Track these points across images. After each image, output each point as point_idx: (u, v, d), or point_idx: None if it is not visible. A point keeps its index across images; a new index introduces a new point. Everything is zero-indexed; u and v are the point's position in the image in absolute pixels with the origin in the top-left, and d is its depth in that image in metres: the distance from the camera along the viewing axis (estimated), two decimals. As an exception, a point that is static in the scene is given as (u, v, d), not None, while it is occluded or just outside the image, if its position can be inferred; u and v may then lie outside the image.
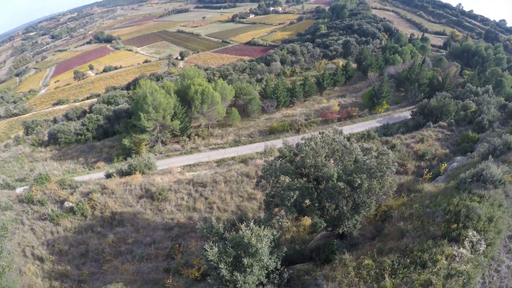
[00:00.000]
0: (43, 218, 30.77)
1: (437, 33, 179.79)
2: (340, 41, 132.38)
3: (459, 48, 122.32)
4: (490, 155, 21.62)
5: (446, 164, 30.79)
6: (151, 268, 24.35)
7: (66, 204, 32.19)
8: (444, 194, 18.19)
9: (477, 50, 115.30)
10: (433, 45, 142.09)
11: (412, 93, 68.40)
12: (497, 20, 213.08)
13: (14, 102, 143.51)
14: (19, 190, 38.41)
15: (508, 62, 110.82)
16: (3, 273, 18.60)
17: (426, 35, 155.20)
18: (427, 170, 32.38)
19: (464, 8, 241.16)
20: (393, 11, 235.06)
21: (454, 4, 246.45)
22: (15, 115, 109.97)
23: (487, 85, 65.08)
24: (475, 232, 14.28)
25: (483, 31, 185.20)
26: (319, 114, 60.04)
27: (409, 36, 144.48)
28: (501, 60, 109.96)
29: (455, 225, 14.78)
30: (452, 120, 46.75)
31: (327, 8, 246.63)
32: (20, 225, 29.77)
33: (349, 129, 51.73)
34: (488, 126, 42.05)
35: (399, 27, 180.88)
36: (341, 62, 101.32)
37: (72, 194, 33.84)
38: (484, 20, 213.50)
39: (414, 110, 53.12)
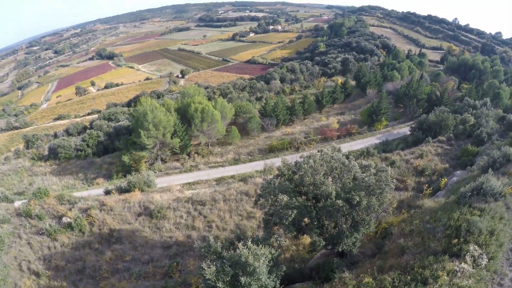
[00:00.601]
0: (40, 232, 30.50)
1: (434, 48, 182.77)
2: (339, 59, 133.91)
3: (456, 63, 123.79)
4: (489, 168, 21.53)
5: (446, 179, 30.56)
6: (149, 287, 23.93)
7: (64, 219, 31.97)
8: (444, 209, 18.05)
9: (474, 63, 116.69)
10: (430, 60, 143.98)
11: (411, 109, 68.78)
12: (493, 32, 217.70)
13: (16, 115, 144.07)
14: (17, 203, 38.13)
15: (505, 74, 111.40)
16: (-2, 286, 18.41)
17: (423, 50, 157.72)
18: (427, 185, 32.12)
19: (460, 23, 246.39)
20: (390, 28, 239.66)
21: (450, 19, 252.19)
22: (16, 128, 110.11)
23: (485, 98, 65.34)
24: (476, 246, 14.04)
25: (480, 44, 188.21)
26: (318, 132, 59.91)
27: (406, 52, 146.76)
28: (498, 72, 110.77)
29: (456, 240, 14.56)
30: (451, 135, 46.80)
31: (325, 26, 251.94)
32: (17, 239, 29.50)
33: (348, 146, 51.65)
34: (487, 139, 41.92)
35: (396, 43, 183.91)
36: (340, 79, 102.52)
37: (70, 209, 33.60)
38: (480, 34, 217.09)
39: (413, 125, 53.26)
